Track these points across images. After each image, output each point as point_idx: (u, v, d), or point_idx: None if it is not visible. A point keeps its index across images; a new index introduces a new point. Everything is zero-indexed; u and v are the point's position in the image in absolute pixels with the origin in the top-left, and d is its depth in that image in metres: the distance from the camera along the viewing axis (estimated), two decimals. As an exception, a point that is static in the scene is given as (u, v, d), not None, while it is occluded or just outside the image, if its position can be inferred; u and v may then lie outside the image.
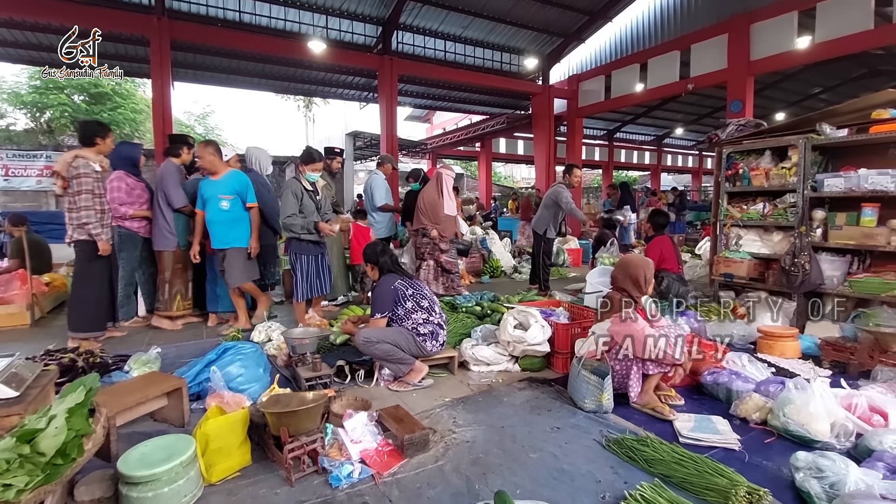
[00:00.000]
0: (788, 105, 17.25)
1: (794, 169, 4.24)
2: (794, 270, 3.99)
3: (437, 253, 5.40)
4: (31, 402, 2.15)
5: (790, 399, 2.42)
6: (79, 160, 3.91)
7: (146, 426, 2.56)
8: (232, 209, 4.28)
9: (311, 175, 4.36)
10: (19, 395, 2.18)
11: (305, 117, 24.62)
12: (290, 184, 4.30)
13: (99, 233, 3.93)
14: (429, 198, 5.37)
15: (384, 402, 2.85)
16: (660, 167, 25.52)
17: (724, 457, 2.22)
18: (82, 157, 3.93)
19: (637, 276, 2.87)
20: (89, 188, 3.89)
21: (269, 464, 2.21)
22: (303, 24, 11.09)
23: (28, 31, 9.75)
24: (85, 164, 3.90)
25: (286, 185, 4.31)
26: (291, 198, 4.22)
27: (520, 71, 14.14)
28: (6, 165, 12.88)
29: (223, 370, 2.82)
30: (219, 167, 4.31)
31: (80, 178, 3.87)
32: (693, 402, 2.88)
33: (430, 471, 2.14)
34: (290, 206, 4.20)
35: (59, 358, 3.33)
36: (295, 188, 4.26)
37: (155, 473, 1.82)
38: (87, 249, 3.99)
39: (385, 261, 3.30)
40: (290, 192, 4.23)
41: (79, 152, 3.97)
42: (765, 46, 9.91)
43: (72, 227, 3.95)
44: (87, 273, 4.06)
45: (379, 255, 3.31)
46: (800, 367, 3.41)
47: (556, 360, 3.43)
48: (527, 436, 2.45)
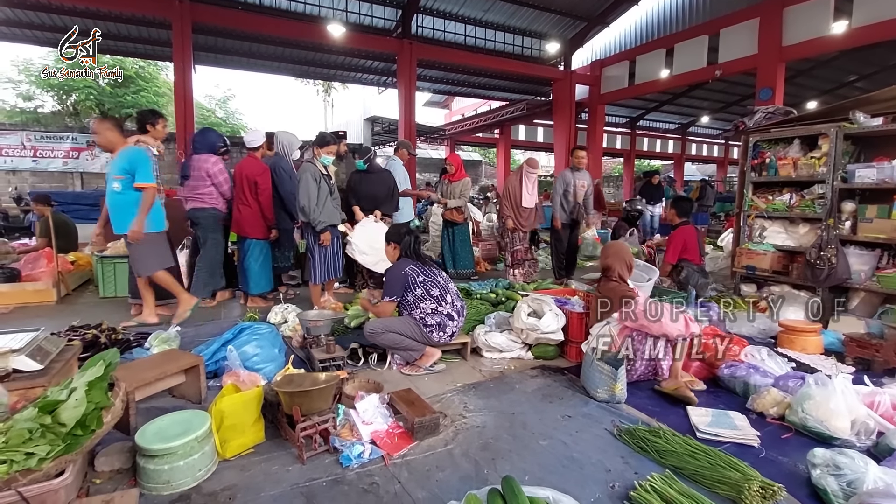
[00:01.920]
0: (821, 93, 16.60)
1: (823, 159, 4.09)
2: (820, 264, 3.87)
3: (513, 243, 5.71)
4: (54, 374, 2.22)
5: (810, 394, 2.36)
6: (140, 145, 4.08)
7: (164, 401, 2.63)
8: (124, 190, 3.84)
9: (325, 158, 4.35)
10: (43, 367, 2.26)
11: (324, 102, 24.68)
12: (307, 167, 4.28)
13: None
14: (512, 189, 5.65)
15: (396, 386, 2.87)
16: (684, 156, 24.89)
17: (738, 451, 2.18)
18: (143, 143, 4.13)
19: (630, 260, 3.20)
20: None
21: (282, 442, 2.25)
22: (322, 7, 11.04)
23: (42, 13, 9.86)
24: (146, 148, 4.07)
25: (303, 168, 4.30)
26: (312, 182, 4.17)
27: (541, 56, 13.86)
28: (34, 147, 13.20)
29: (239, 349, 2.87)
30: (116, 144, 3.90)
31: None
32: (709, 395, 2.83)
33: (439, 454, 2.16)
34: (311, 191, 4.15)
35: (82, 334, 3.45)
36: (313, 171, 4.23)
37: (171, 447, 1.87)
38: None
39: (408, 241, 3.28)
40: (310, 176, 4.19)
41: (140, 138, 4.18)
42: (798, 31, 9.51)
43: None
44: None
45: (403, 235, 3.30)
46: (821, 362, 3.32)
47: (569, 348, 3.41)
48: (537, 423, 2.45)
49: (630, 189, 19.24)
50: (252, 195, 4.63)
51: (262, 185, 4.66)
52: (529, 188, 5.61)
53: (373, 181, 4.98)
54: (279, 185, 4.89)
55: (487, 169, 27.27)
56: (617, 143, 22.63)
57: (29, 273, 5.06)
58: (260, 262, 4.77)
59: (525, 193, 5.59)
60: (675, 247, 4.69)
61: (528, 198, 5.62)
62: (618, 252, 3.31)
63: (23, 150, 13.14)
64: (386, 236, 3.39)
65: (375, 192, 4.96)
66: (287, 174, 4.93)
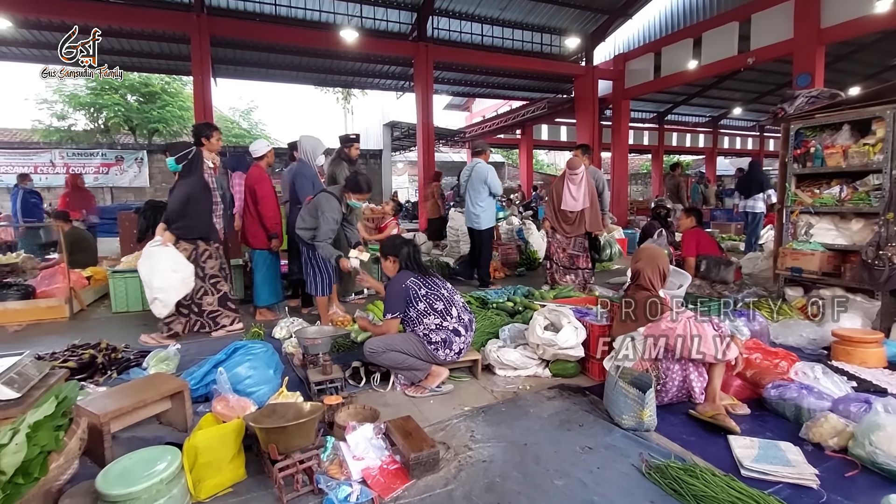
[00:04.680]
0: (863, 79, 15.56)
1: (879, 145, 3.64)
2: (879, 264, 3.42)
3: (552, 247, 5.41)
4: (31, 403, 2.07)
5: (879, 424, 1.99)
6: None
7: (148, 430, 2.45)
8: None
9: (355, 203, 4.05)
10: (20, 396, 2.12)
11: (344, 109, 24.79)
12: (331, 205, 3.88)
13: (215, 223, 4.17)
14: (556, 192, 5.37)
15: (398, 409, 2.63)
16: (715, 150, 23.81)
17: (793, 494, 1.83)
18: None
19: (665, 268, 2.85)
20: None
21: (265, 479, 2.02)
22: (337, 15, 11.02)
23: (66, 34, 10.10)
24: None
25: (327, 203, 3.88)
26: (332, 224, 3.84)
27: (561, 52, 13.47)
28: (67, 164, 13.66)
29: (231, 371, 2.67)
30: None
31: None
32: (754, 420, 2.46)
33: (437, 496, 1.89)
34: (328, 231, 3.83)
35: (80, 354, 3.34)
36: (336, 215, 3.90)
37: (132, 493, 1.66)
38: None
39: (406, 252, 3.01)
40: (332, 219, 3.84)
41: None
42: (838, 12, 8.84)
43: None
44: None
45: (399, 246, 3.04)
46: (886, 378, 2.89)
47: (591, 365, 3.08)
48: (553, 457, 2.14)
49: (659, 187, 18.50)
50: (253, 204, 4.53)
51: (259, 193, 4.50)
52: (573, 190, 5.18)
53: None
54: (300, 192, 4.56)
55: (511, 170, 26.88)
56: (644, 139, 21.88)
57: (44, 289, 5.06)
58: (262, 272, 4.62)
59: (568, 197, 5.19)
60: (691, 244, 4.87)
61: (571, 201, 5.20)
62: (651, 257, 2.96)
63: (56, 168, 13.61)
64: (381, 250, 3.13)
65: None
66: (309, 180, 4.61)
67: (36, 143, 14.27)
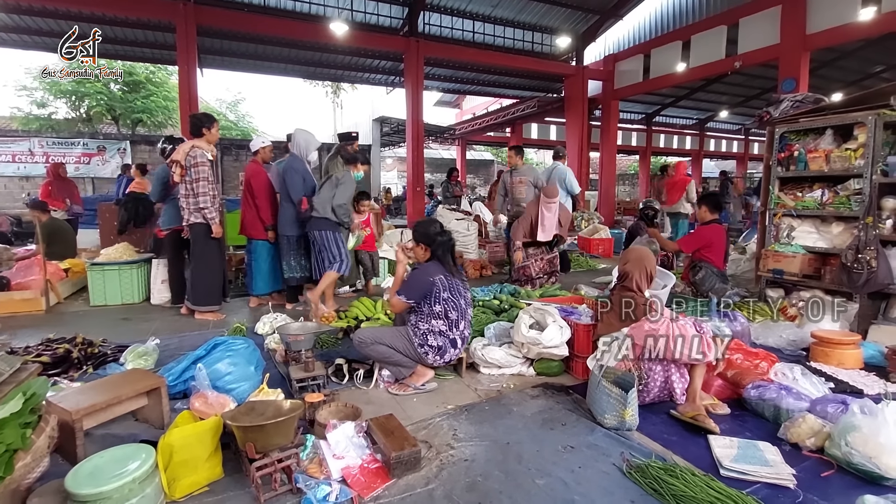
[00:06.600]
0: (846, 85, 15.84)
1: (860, 150, 3.69)
2: (858, 267, 3.48)
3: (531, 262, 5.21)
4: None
5: (855, 425, 2.02)
6: (196, 150, 4.12)
7: (123, 427, 2.39)
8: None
9: (358, 175, 4.51)
10: (-13, 392, 2.05)
11: (333, 104, 24.50)
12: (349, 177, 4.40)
13: (214, 217, 4.19)
14: (531, 216, 5.19)
15: (381, 407, 2.60)
16: (702, 153, 24.06)
17: (771, 494, 1.85)
18: (198, 147, 4.15)
19: (652, 270, 2.85)
20: (206, 175, 4.13)
21: (243, 478, 1.98)
22: (328, 7, 10.85)
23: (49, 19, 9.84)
24: (201, 153, 4.14)
25: (347, 176, 4.39)
26: (352, 189, 4.44)
27: (552, 51, 13.47)
28: (46, 153, 13.30)
29: (210, 367, 2.62)
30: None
31: (198, 166, 4.09)
32: (734, 420, 2.49)
33: (418, 496, 1.87)
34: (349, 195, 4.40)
35: (54, 348, 3.25)
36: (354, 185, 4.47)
37: (103, 492, 1.61)
38: (203, 232, 4.25)
39: (442, 242, 2.85)
40: (352, 186, 4.42)
41: (195, 142, 4.18)
42: (823, 18, 8.97)
43: (188, 211, 4.21)
44: (204, 253, 4.34)
45: (433, 236, 2.85)
46: (862, 379, 2.95)
47: (575, 364, 3.09)
48: (535, 456, 2.14)
49: (646, 188, 18.65)
50: (250, 196, 4.67)
51: (254, 186, 4.68)
52: (548, 219, 5.00)
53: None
54: (290, 187, 4.42)
55: (499, 168, 26.90)
56: (632, 140, 22.02)
57: (20, 281, 4.93)
58: (259, 262, 4.78)
59: (540, 227, 5.01)
60: (697, 240, 4.55)
61: (542, 234, 5.05)
62: (639, 258, 2.94)
63: (35, 157, 13.25)
64: (414, 236, 2.93)
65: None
66: (300, 175, 4.46)
67: (14, 131, 13.84)
